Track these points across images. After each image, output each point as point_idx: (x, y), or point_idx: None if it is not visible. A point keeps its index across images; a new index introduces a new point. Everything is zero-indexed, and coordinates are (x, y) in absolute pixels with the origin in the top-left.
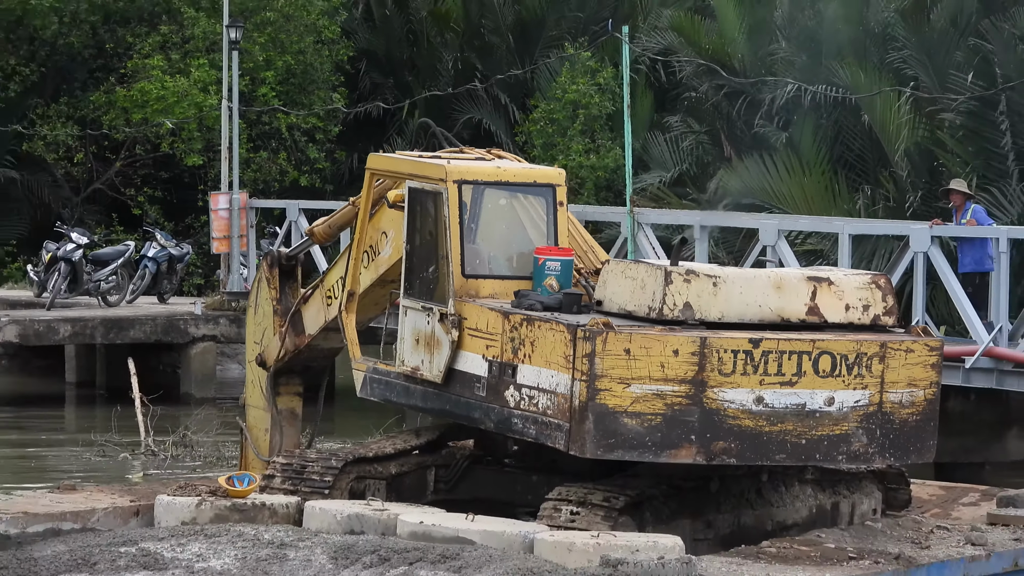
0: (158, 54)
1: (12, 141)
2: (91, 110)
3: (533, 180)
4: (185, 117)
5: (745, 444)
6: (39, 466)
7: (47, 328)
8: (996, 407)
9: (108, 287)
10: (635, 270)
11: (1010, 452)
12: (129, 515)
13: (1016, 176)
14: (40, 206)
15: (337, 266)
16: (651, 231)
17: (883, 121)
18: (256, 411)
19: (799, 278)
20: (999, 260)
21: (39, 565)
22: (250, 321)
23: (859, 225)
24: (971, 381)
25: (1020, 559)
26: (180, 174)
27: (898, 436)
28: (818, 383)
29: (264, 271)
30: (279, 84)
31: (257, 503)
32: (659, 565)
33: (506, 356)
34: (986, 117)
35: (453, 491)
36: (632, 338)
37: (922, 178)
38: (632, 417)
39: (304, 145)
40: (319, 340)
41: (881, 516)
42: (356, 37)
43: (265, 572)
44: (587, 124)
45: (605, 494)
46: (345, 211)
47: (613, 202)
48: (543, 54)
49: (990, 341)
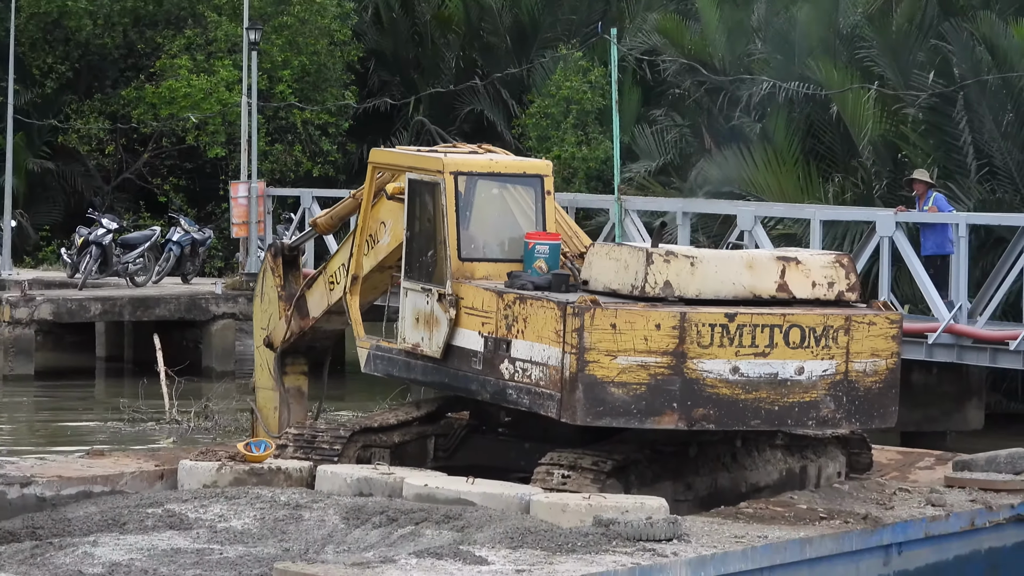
0: (184, 55)
1: (48, 134)
2: (121, 105)
3: (523, 171)
4: (210, 112)
5: (723, 411)
6: (71, 434)
7: (79, 306)
8: (957, 380)
9: (136, 269)
10: (619, 252)
11: (970, 421)
12: (154, 478)
13: (974, 168)
14: (73, 194)
15: (339, 254)
16: (637, 217)
17: (852, 115)
18: (265, 392)
19: (769, 258)
20: (959, 244)
21: (72, 525)
22: (256, 309)
23: (829, 211)
24: (933, 356)
25: (976, 519)
26: (203, 165)
27: (863, 403)
28: (789, 354)
29: (268, 261)
30: (295, 82)
31: (273, 467)
32: (648, 524)
33: (500, 332)
34: (946, 113)
35: (451, 458)
36: (618, 313)
37: (887, 168)
38: (619, 387)
39: (318, 138)
40: (322, 322)
41: (845, 479)
42: (366, 38)
43: (283, 531)
44: (579, 119)
45: (594, 459)
46: (346, 203)
47: (603, 191)
48: (538, 54)
49: (951, 319)
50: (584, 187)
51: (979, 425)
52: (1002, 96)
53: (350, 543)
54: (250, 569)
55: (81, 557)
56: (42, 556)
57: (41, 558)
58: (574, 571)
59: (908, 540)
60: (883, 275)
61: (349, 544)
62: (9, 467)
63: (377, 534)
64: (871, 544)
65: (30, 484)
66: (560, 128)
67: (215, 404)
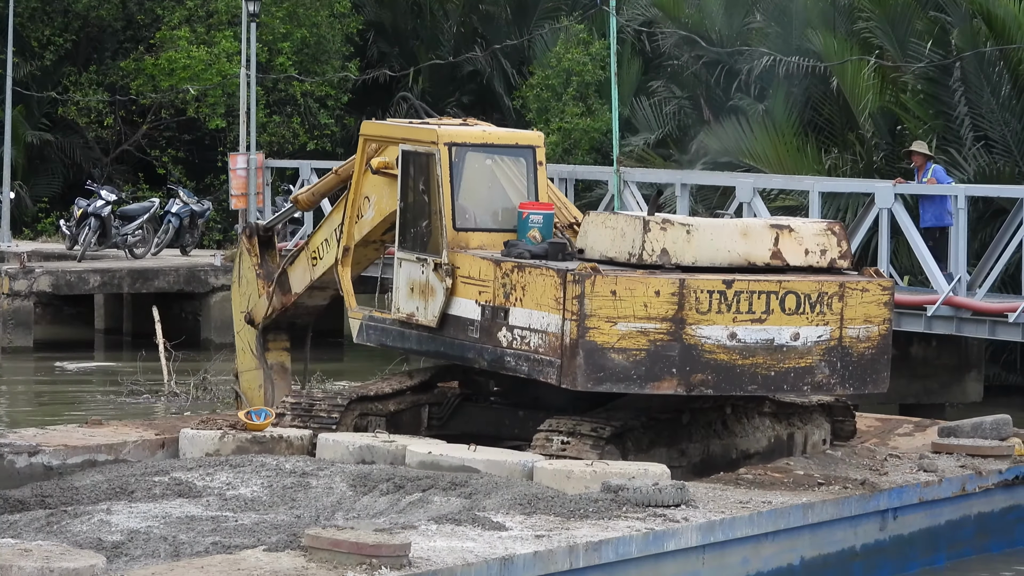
0: (184, 26)
1: (47, 106)
2: (120, 77)
3: (515, 142)
4: (210, 84)
5: (720, 376)
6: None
7: (78, 278)
8: (955, 352)
9: (134, 240)
10: (615, 220)
11: (968, 393)
12: (156, 447)
13: (970, 139)
14: (72, 166)
15: (321, 230)
16: (636, 189)
17: (851, 87)
18: (248, 374)
19: (763, 226)
20: (957, 216)
21: (80, 494)
22: (235, 293)
23: (828, 183)
24: (932, 328)
25: (967, 484)
26: (202, 136)
27: (856, 368)
28: (784, 320)
29: (244, 243)
30: (295, 54)
31: (275, 435)
32: (656, 490)
33: (498, 300)
34: (943, 84)
35: (445, 426)
36: (618, 280)
37: (884, 139)
38: (619, 352)
39: (316, 111)
40: (304, 298)
41: (829, 446)
42: (365, 10)
43: (292, 499)
44: (580, 90)
45: (592, 425)
46: (328, 180)
47: (603, 162)
48: (538, 24)
49: (950, 291)
50: (586, 158)
51: (978, 397)
52: (999, 67)
53: (359, 510)
54: (268, 536)
55: (98, 525)
56: (58, 524)
57: (57, 526)
58: (591, 536)
59: (903, 505)
60: (882, 247)
61: (358, 511)
62: (12, 436)
63: (385, 501)
64: (868, 509)
65: (37, 453)
66: (561, 100)
67: (213, 376)
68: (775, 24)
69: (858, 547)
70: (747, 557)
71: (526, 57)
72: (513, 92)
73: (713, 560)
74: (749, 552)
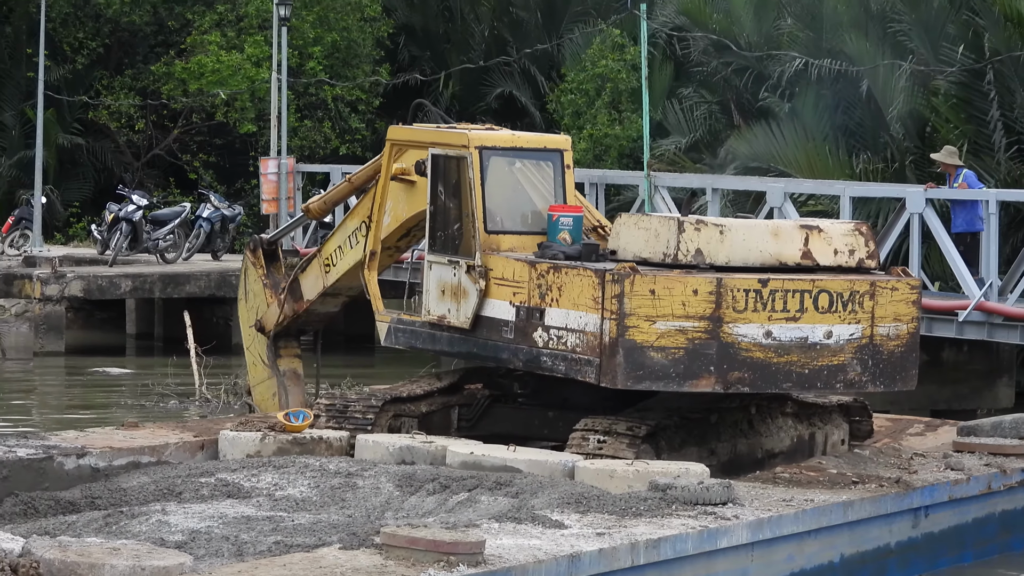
0: (215, 31)
1: (79, 110)
2: (151, 81)
3: (544, 146)
4: (238, 89)
5: (757, 374)
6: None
7: (109, 283)
8: (987, 358)
9: (166, 245)
10: (648, 221)
11: (1000, 399)
12: (196, 449)
13: (1003, 143)
14: (104, 170)
15: (335, 237)
16: (667, 193)
17: (883, 91)
18: (261, 386)
19: (793, 226)
20: (989, 221)
21: (129, 495)
22: (242, 310)
23: (859, 188)
24: (964, 333)
25: (992, 482)
26: (232, 141)
27: (886, 366)
28: (818, 318)
29: (248, 257)
30: (325, 59)
31: (315, 437)
32: (703, 488)
33: (533, 301)
34: (976, 88)
35: (475, 427)
36: (657, 280)
37: (915, 143)
38: (658, 351)
39: (347, 115)
40: (317, 305)
41: (847, 445)
42: (396, 13)
43: (342, 499)
44: (613, 96)
45: (628, 424)
46: (341, 188)
47: (634, 167)
48: (568, 28)
49: (981, 296)
50: (616, 164)
51: (1010, 403)
52: None
53: (408, 510)
54: (328, 535)
55: (156, 525)
56: (117, 525)
57: (117, 526)
58: (650, 534)
59: (934, 503)
60: (913, 252)
61: (407, 511)
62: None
63: (433, 501)
64: (903, 507)
65: (85, 455)
66: (594, 106)
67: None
68: (805, 27)
69: (892, 544)
70: (792, 554)
71: (555, 61)
72: (545, 97)
73: (761, 557)
74: (794, 549)
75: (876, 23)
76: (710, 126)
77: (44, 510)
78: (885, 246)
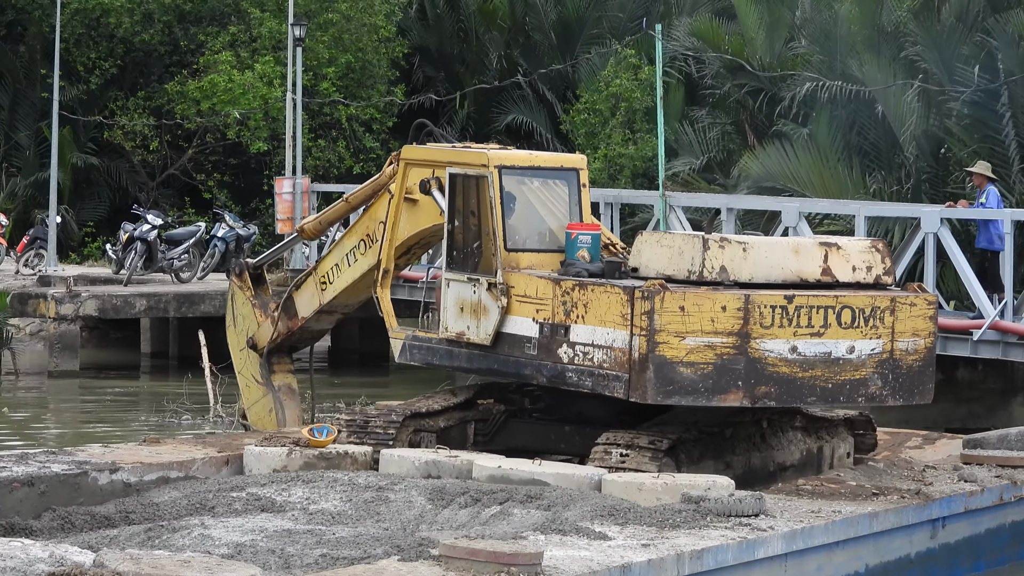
0: (227, 51)
1: (94, 130)
2: (165, 101)
3: (560, 165)
4: (250, 108)
5: (783, 388)
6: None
7: (124, 303)
8: (1002, 376)
9: (180, 265)
10: (671, 239)
11: (1015, 418)
12: (221, 464)
13: (1018, 164)
14: (118, 190)
15: (332, 255)
16: (681, 213)
17: (896, 111)
18: (256, 406)
19: (813, 243)
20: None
21: (162, 509)
22: (231, 335)
23: (874, 207)
24: (979, 352)
25: (1004, 493)
26: (247, 161)
27: (905, 379)
28: (841, 334)
29: (235, 282)
30: (339, 79)
31: (340, 451)
32: (736, 500)
33: (558, 318)
34: (990, 108)
35: (491, 442)
36: (686, 296)
37: (929, 164)
38: (687, 366)
39: (361, 135)
40: (312, 322)
41: (852, 459)
42: (410, 34)
43: (376, 512)
44: (628, 116)
45: (650, 438)
46: (338, 208)
47: (648, 187)
48: (583, 49)
49: (996, 315)
50: (630, 184)
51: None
52: None
53: (442, 522)
54: (372, 548)
55: (200, 539)
56: (160, 539)
57: (159, 540)
58: (693, 544)
59: (952, 514)
60: (928, 271)
61: (441, 523)
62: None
63: (466, 514)
64: (923, 518)
65: (117, 470)
66: (608, 126)
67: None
68: (819, 49)
69: (912, 555)
70: (821, 565)
71: (571, 82)
72: (558, 117)
73: (794, 567)
74: (823, 560)
75: (889, 44)
76: (724, 146)
77: (80, 524)
78: (900, 265)
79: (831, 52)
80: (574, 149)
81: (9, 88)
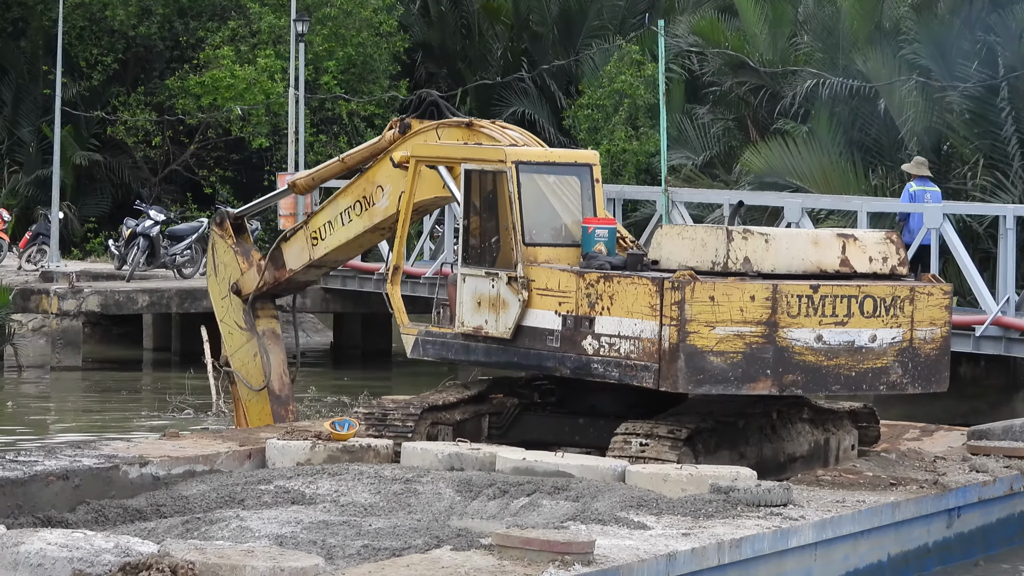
0: (228, 46)
1: (96, 126)
2: (166, 96)
3: (574, 160)
4: (253, 104)
5: (808, 376)
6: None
7: (127, 298)
8: (1004, 372)
9: (183, 260)
10: (693, 231)
11: (1018, 414)
12: (243, 458)
13: (1018, 158)
14: (121, 186)
15: (325, 211)
16: (684, 208)
17: (898, 107)
18: (240, 352)
19: (831, 235)
20: (1006, 236)
21: (191, 503)
22: (212, 284)
23: (876, 203)
24: (981, 348)
25: (1015, 483)
26: (249, 156)
27: (923, 368)
28: (863, 323)
29: (215, 231)
30: (340, 73)
31: (363, 445)
32: (765, 491)
33: (582, 310)
34: (990, 103)
35: (505, 435)
36: (716, 286)
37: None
38: (717, 355)
39: (363, 130)
40: (300, 274)
41: (856, 450)
42: (413, 30)
43: (407, 504)
44: (630, 112)
45: (669, 427)
46: (332, 167)
47: (650, 183)
48: (585, 44)
49: (999, 311)
50: (633, 180)
51: None
52: None
53: (472, 513)
54: (412, 539)
55: (238, 531)
56: (198, 531)
57: (198, 532)
58: (731, 533)
59: (966, 504)
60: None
61: (471, 515)
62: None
63: (495, 505)
64: (940, 508)
65: (147, 464)
66: (610, 122)
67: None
68: (820, 45)
69: (930, 544)
70: (847, 554)
71: (573, 77)
72: (561, 112)
73: (823, 556)
74: (849, 549)
75: (890, 40)
76: (726, 143)
77: (114, 518)
78: None
79: (833, 48)
80: (576, 144)
81: (12, 84)
